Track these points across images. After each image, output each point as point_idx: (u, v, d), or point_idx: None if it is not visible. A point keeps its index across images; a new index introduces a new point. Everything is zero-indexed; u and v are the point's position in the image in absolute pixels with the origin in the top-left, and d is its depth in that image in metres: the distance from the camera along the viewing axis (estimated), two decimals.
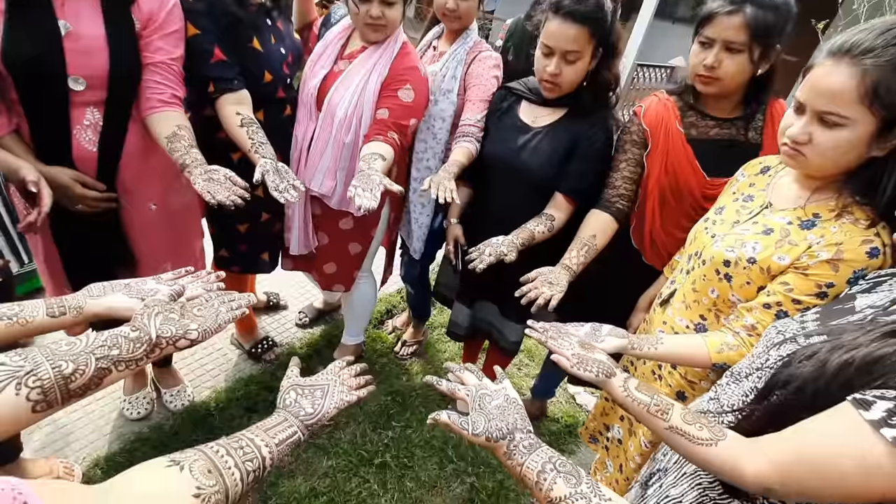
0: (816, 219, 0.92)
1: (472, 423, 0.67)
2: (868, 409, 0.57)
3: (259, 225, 1.66)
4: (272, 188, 1.15)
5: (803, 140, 0.86)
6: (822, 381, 0.62)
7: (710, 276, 1.05)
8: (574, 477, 0.58)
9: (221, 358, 2.04)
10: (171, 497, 0.51)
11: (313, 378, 0.81)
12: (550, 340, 0.91)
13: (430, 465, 1.76)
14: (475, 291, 1.68)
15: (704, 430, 0.71)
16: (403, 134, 1.47)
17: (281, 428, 0.69)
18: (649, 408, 0.77)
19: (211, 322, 0.75)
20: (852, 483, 0.57)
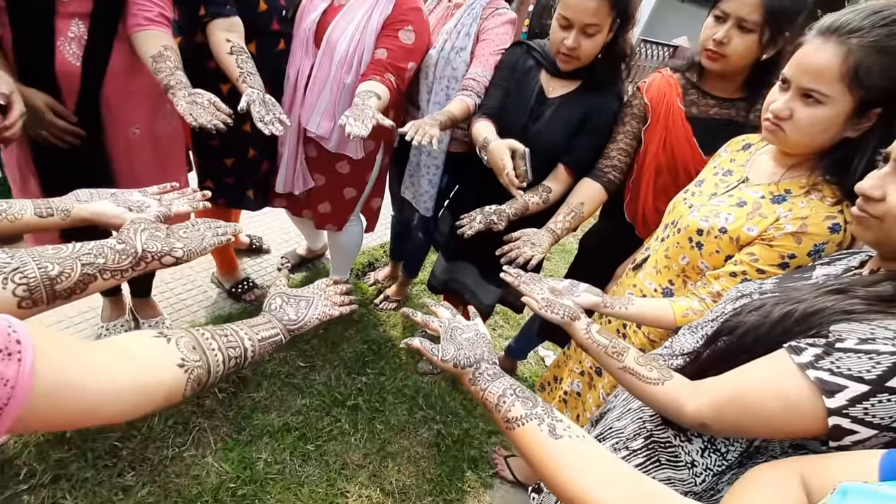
0: (787, 194, 0.96)
1: (442, 350, 0.71)
2: (799, 354, 0.63)
3: (246, 161, 1.64)
4: (257, 119, 1.14)
5: (785, 115, 0.90)
6: (763, 329, 0.68)
7: (682, 243, 1.09)
8: (530, 401, 0.63)
9: (201, 295, 2.05)
10: (156, 361, 0.54)
11: (299, 290, 0.84)
12: (523, 284, 0.96)
13: (400, 411, 1.84)
14: (459, 250, 1.71)
15: (654, 370, 0.77)
16: (401, 77, 1.45)
17: (265, 327, 0.72)
18: (607, 349, 0.82)
19: (196, 244, 0.76)
20: (777, 420, 0.63)
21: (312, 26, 1.45)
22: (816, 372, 0.59)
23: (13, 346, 0.36)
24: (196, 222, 0.82)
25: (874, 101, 0.83)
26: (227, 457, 1.51)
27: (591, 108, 1.38)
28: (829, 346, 0.60)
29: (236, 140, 1.58)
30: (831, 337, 0.61)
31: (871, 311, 0.60)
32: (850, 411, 0.56)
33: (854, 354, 0.57)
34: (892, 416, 0.55)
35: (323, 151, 1.62)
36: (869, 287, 0.63)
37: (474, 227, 1.29)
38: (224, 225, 0.84)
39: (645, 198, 1.40)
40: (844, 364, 0.58)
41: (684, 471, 0.79)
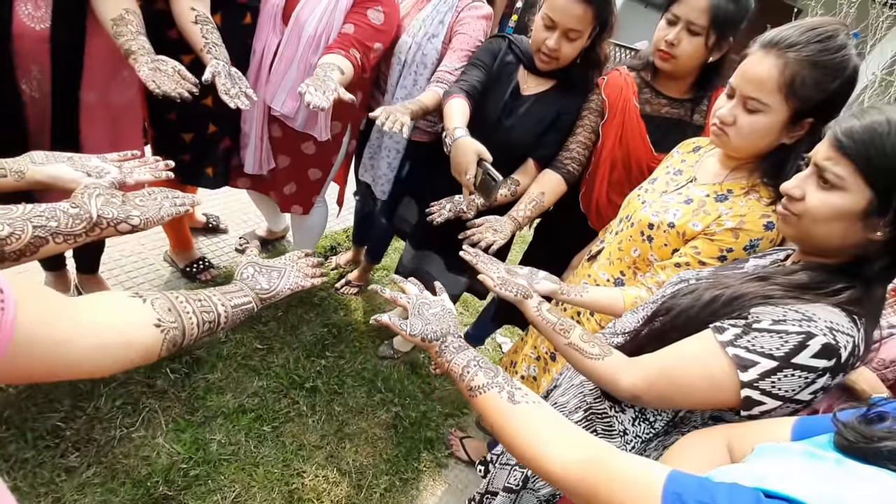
0: (729, 194, 1.05)
1: (410, 325, 0.74)
2: (721, 333, 0.70)
3: (205, 137, 1.59)
4: (222, 91, 1.10)
5: (729, 121, 0.97)
6: (693, 311, 0.75)
7: (635, 236, 1.16)
8: (492, 371, 0.67)
9: (153, 273, 1.97)
10: (134, 320, 0.54)
11: (271, 260, 0.84)
12: (480, 263, 1.00)
13: (358, 394, 1.85)
14: (426, 239, 1.73)
15: (596, 347, 0.83)
16: (366, 55, 1.44)
17: (237, 294, 0.72)
18: (555, 326, 0.88)
19: (153, 213, 0.75)
20: (700, 392, 0.70)
21: (281, 2, 1.42)
22: (735, 349, 0.66)
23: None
24: (153, 191, 0.80)
25: (807, 111, 0.91)
26: (178, 438, 1.48)
27: (563, 108, 1.43)
28: (747, 326, 0.67)
29: (196, 114, 1.52)
30: (750, 318, 0.68)
31: (787, 297, 0.68)
32: (760, 384, 0.64)
33: (767, 334, 0.65)
34: (794, 389, 0.63)
35: (288, 131, 1.59)
36: (788, 276, 0.71)
37: (444, 214, 1.33)
38: (182, 196, 0.83)
39: (599, 190, 1.47)
40: (759, 342, 0.65)
41: (617, 439, 0.86)
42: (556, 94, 1.44)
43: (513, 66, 1.46)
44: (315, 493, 1.49)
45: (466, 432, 1.90)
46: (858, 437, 0.43)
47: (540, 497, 1.02)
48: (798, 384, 0.63)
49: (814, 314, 0.64)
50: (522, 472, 1.06)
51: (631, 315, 0.98)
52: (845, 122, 0.65)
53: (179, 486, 1.37)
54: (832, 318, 0.64)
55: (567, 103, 1.44)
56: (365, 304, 2.30)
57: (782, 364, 0.63)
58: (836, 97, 0.90)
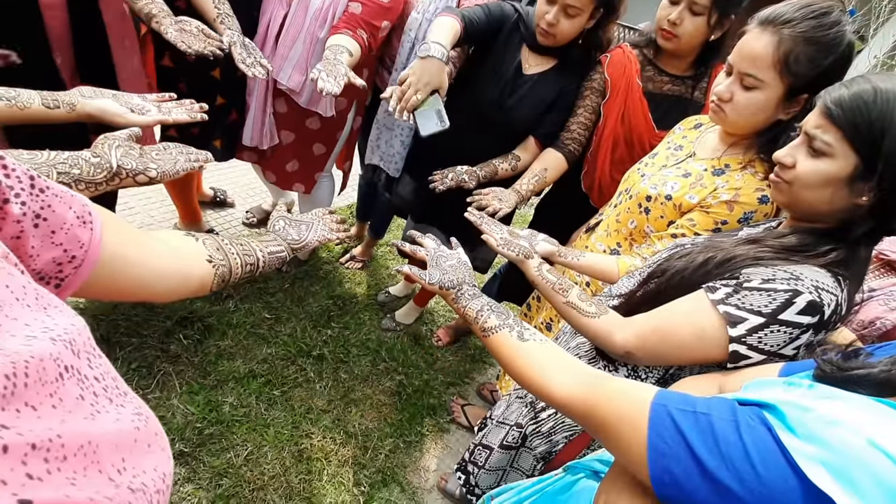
0: (727, 168, 1.09)
1: (429, 275, 0.80)
2: (713, 293, 0.75)
3: (213, 108, 1.58)
4: (239, 60, 1.14)
5: (726, 97, 1.01)
6: (687, 272, 0.80)
7: (633, 208, 1.21)
8: (504, 314, 0.74)
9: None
10: (191, 254, 0.60)
11: (299, 215, 0.91)
12: (484, 224, 1.05)
13: (363, 363, 1.92)
14: (426, 213, 1.77)
15: (592, 306, 0.88)
16: (373, 35, 1.46)
17: (272, 242, 0.78)
18: (554, 286, 0.93)
19: (170, 166, 0.78)
20: (690, 348, 0.76)
21: None
22: (725, 307, 0.71)
23: (87, 217, 0.40)
24: (168, 146, 0.83)
25: (802, 87, 0.94)
26: (192, 400, 1.55)
27: (565, 88, 1.45)
28: (738, 285, 0.72)
29: (205, 86, 1.54)
30: (741, 278, 0.73)
31: (777, 258, 0.73)
32: (748, 339, 0.69)
33: (757, 292, 0.70)
34: (779, 344, 0.69)
35: (293, 106, 1.61)
36: (778, 238, 0.76)
37: (446, 183, 1.37)
38: (196, 151, 0.86)
39: (602, 169, 1.51)
40: (748, 300, 0.70)
41: None
42: (557, 73, 1.45)
43: (516, 42, 1.47)
44: (323, 453, 1.56)
45: (468, 400, 1.97)
46: (833, 368, 0.48)
47: (536, 455, 1.09)
48: (783, 339, 0.68)
49: (801, 273, 0.69)
50: (520, 432, 1.12)
51: (626, 279, 1.03)
52: (834, 92, 0.69)
53: (195, 443, 1.44)
54: (818, 278, 0.69)
55: (568, 83, 1.46)
56: (369, 278, 2.35)
57: (769, 320, 0.68)
58: (830, 73, 0.93)
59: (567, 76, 1.45)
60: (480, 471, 1.20)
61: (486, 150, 1.49)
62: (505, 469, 1.15)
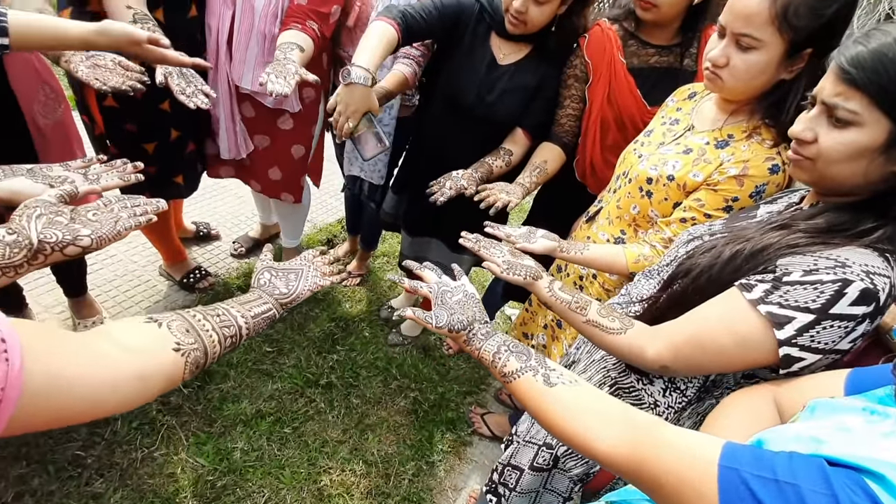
0: (730, 139, 1.00)
1: (435, 317, 0.71)
2: (750, 291, 0.67)
3: (169, 144, 1.51)
4: (178, 92, 1.04)
5: (722, 63, 0.92)
6: (715, 270, 0.72)
7: (633, 192, 1.12)
8: (524, 354, 0.65)
9: (150, 289, 1.94)
10: (152, 347, 0.52)
11: (287, 263, 0.82)
12: (483, 249, 0.96)
13: (374, 384, 1.85)
14: (422, 226, 1.69)
15: (616, 321, 0.81)
16: (324, 22, 1.39)
17: (256, 303, 0.70)
18: (570, 305, 0.85)
19: (108, 228, 0.67)
20: (731, 355, 0.68)
21: None
22: (767, 307, 0.63)
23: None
24: (109, 201, 0.73)
25: (804, 41, 0.85)
26: (201, 451, 1.48)
27: (545, 76, 1.37)
28: (776, 280, 0.64)
29: (156, 121, 1.45)
30: (778, 271, 0.65)
31: (814, 243, 0.64)
32: (799, 340, 0.61)
33: (800, 286, 0.62)
34: (834, 340, 0.60)
35: (261, 109, 1.56)
36: (809, 220, 0.67)
37: (445, 193, 1.27)
38: (144, 203, 0.75)
39: (592, 154, 1.42)
40: (792, 296, 0.62)
41: (648, 411, 0.84)
42: (535, 59, 1.37)
43: (485, 33, 1.38)
44: (344, 488, 1.49)
45: (486, 408, 1.90)
46: None
47: (573, 477, 1.01)
48: (838, 334, 0.60)
49: (847, 259, 0.61)
50: (551, 453, 1.05)
51: (645, 280, 0.95)
52: (849, 51, 0.60)
53: (209, 498, 1.38)
54: (866, 261, 0.61)
55: (547, 72, 1.37)
56: (369, 293, 2.28)
57: (820, 316, 0.60)
58: (835, 22, 0.84)
59: (546, 62, 1.37)
60: (512, 493, 1.13)
61: (474, 151, 1.41)
62: (538, 491, 1.08)
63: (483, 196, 1.24)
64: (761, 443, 0.50)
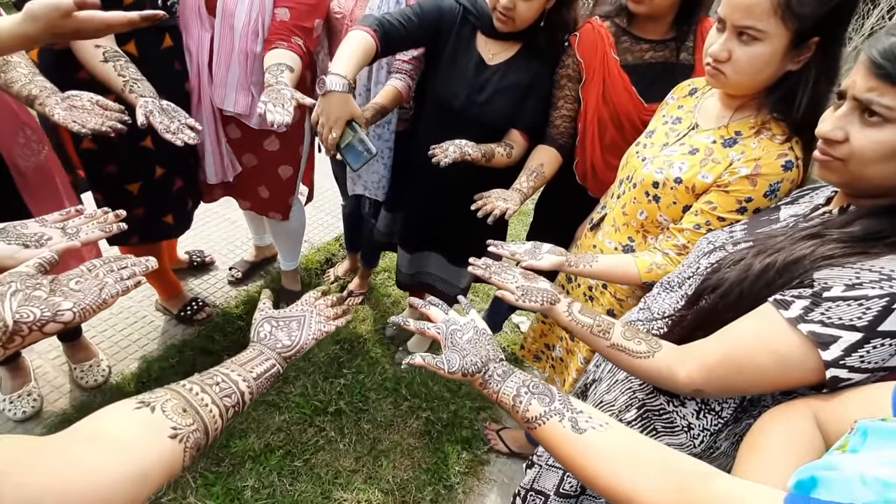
0: (738, 136, 0.95)
1: (446, 361, 0.66)
2: (787, 308, 0.62)
3: (154, 183, 1.45)
4: (162, 130, 0.99)
5: (723, 57, 0.87)
6: (746, 284, 0.67)
7: (639, 198, 1.08)
8: (546, 396, 0.61)
9: (147, 326, 1.89)
10: (145, 438, 0.46)
11: (287, 310, 0.77)
12: (494, 276, 0.91)
13: (385, 406, 1.80)
14: (421, 241, 1.64)
15: (642, 343, 0.76)
16: (308, 37, 1.35)
17: (257, 361, 0.64)
18: (592, 329, 0.80)
19: (92, 297, 0.60)
20: (770, 376, 0.63)
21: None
22: (808, 325, 0.58)
23: None
24: (94, 265, 0.66)
25: (810, 30, 0.81)
26: (210, 492, 1.43)
27: (537, 75, 1.33)
28: (816, 296, 0.59)
29: (137, 160, 1.40)
30: (817, 286, 0.60)
31: (852, 254, 0.59)
32: (847, 361, 0.56)
33: (843, 302, 0.57)
34: (884, 359, 0.56)
35: (246, 130, 1.52)
36: (844, 228, 0.63)
37: (449, 155, 1.21)
38: (132, 263, 0.69)
39: (592, 156, 1.37)
40: (835, 314, 0.57)
41: (681, 435, 0.80)
42: (525, 58, 1.33)
43: (469, 34, 1.34)
44: None
45: (501, 423, 1.85)
46: None
47: None
48: (889, 352, 0.56)
49: (892, 271, 0.56)
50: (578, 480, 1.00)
51: (666, 294, 0.90)
52: (881, 43, 0.56)
53: None
54: None
55: (539, 69, 1.33)
56: (373, 311, 2.23)
57: (868, 334, 0.55)
58: (842, 9, 0.80)
59: (537, 60, 1.33)
60: None
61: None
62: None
63: (480, 205, 1.19)
64: (816, 481, 0.45)
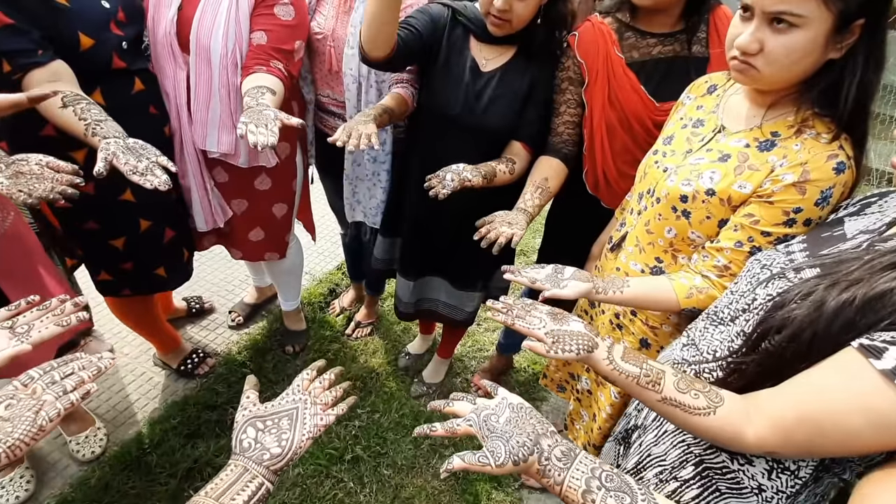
0: (776, 138, 0.84)
1: (490, 453, 0.56)
2: (879, 357, 0.50)
3: (139, 236, 1.34)
4: (128, 172, 0.87)
5: (754, 49, 0.76)
6: (820, 325, 0.56)
7: (665, 214, 0.96)
8: (627, 495, 0.51)
9: (146, 384, 1.79)
10: None
11: (276, 403, 0.66)
12: (517, 321, 0.78)
13: (404, 447, 1.69)
14: (419, 266, 1.53)
15: (700, 397, 0.64)
16: (289, 61, 1.26)
17: (241, 485, 0.55)
18: (639, 380, 0.68)
19: (24, 428, 0.50)
20: (864, 439, 0.52)
21: (171, 28, 1.21)
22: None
23: None
24: (31, 377, 0.56)
25: (856, 11, 0.70)
26: None
27: (536, 78, 1.23)
28: None
29: (118, 214, 1.29)
30: None
31: None
32: None
33: None
34: None
35: (234, 171, 1.43)
36: None
37: (448, 185, 1.09)
38: (80, 367, 0.58)
39: (603, 164, 1.26)
40: None
41: (751, 498, 0.68)
42: (521, 62, 1.23)
43: (461, 40, 1.25)
44: None
45: None
46: None
47: None
48: None
49: None
50: None
51: (716, 329, 0.78)
52: None
53: None
54: None
55: (538, 72, 1.23)
56: (383, 342, 2.12)
57: None
58: None
59: (535, 63, 1.23)
60: None
61: None
62: None
63: (483, 233, 1.07)
64: None
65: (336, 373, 0.74)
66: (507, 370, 2.04)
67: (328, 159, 1.64)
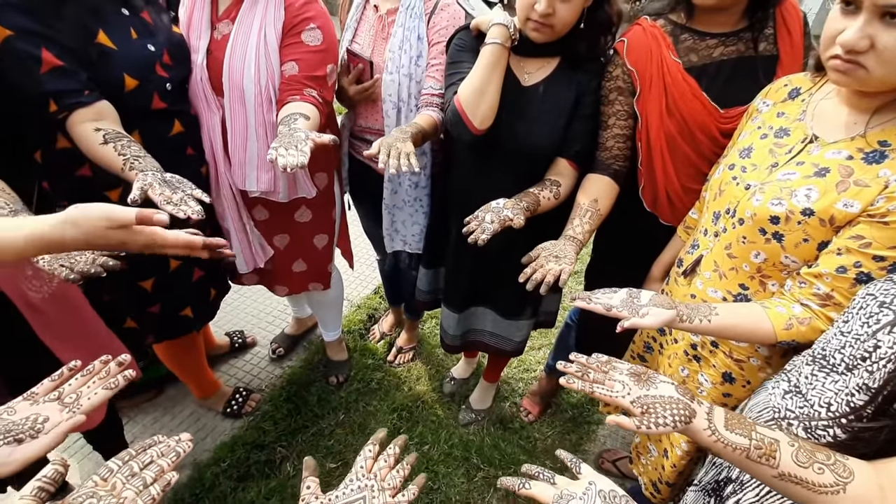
0: (886, 148, 0.73)
1: None
2: None
3: (169, 277, 1.31)
4: (162, 202, 0.84)
5: (863, 47, 0.67)
6: None
7: (752, 237, 0.86)
8: None
9: (194, 425, 1.77)
10: None
11: (341, 493, 0.60)
12: (597, 389, 0.69)
13: (457, 480, 1.61)
14: (465, 297, 1.45)
15: (826, 472, 0.55)
16: (323, 87, 1.22)
17: None
18: (749, 453, 0.59)
19: None
20: None
21: (203, 73, 1.19)
22: None
23: None
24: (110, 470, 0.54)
25: None
26: None
27: (582, 89, 1.13)
28: None
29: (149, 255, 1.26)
30: None
31: None
32: None
33: None
34: None
35: (274, 208, 1.40)
36: None
37: (487, 229, 1.00)
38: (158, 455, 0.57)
39: (665, 179, 1.15)
40: None
41: None
42: (566, 73, 1.13)
43: None
44: None
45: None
46: None
47: None
48: None
49: None
50: None
51: (828, 377, 0.68)
52: None
53: None
54: None
55: (585, 81, 1.13)
56: (426, 366, 2.05)
57: None
58: None
59: (580, 72, 1.14)
60: None
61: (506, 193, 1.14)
62: None
63: (528, 273, 0.96)
64: None
65: (400, 445, 0.68)
66: (557, 392, 1.94)
67: (362, 186, 1.60)
